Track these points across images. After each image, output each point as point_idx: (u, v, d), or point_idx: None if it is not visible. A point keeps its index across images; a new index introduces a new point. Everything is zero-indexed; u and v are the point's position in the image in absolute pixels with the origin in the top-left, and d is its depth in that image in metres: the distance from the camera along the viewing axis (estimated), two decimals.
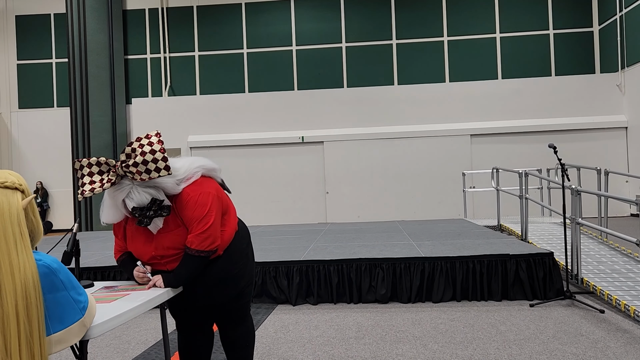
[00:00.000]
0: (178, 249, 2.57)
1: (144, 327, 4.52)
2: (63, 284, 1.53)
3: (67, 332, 1.54)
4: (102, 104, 13.65)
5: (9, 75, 14.97)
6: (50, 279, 1.49)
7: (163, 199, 2.48)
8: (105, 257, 5.91)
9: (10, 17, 14.98)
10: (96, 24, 13.63)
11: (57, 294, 1.51)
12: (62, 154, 14.38)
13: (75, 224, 2.85)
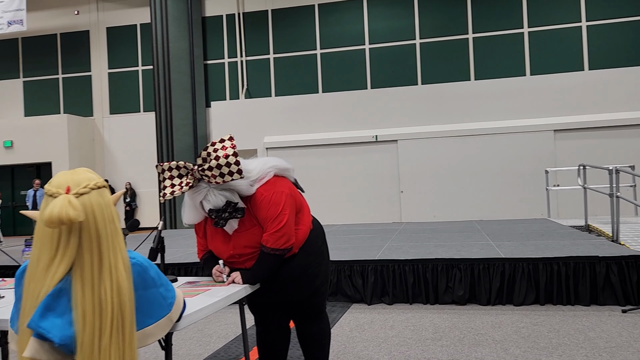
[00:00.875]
0: (254, 247, 2.64)
1: (224, 322, 4.69)
2: (154, 281, 1.59)
3: (156, 327, 1.61)
4: (184, 108, 14.33)
5: (101, 83, 16.08)
6: (142, 276, 1.55)
7: (237, 202, 2.56)
8: (187, 254, 6.19)
9: (102, 29, 16.08)
10: (178, 31, 14.32)
11: (148, 291, 1.57)
12: (148, 156, 15.22)
13: (160, 222, 3.01)
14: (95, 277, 1.43)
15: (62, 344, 1.39)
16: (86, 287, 1.42)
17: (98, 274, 1.43)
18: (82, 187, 1.46)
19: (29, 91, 16.42)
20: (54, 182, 1.47)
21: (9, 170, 15.66)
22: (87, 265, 1.43)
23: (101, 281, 1.43)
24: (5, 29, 15.34)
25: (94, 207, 1.46)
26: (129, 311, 1.46)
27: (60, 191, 1.44)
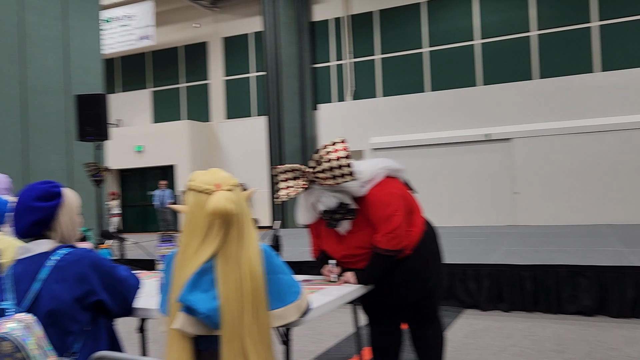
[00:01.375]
0: (366, 248, 2.64)
1: (335, 321, 4.75)
2: (280, 268, 1.73)
3: (285, 310, 1.72)
4: (293, 111, 14.80)
5: (218, 90, 17.12)
6: (269, 261, 1.70)
7: (349, 203, 2.57)
8: (299, 253, 6.36)
9: (218, 40, 17.12)
10: (288, 38, 14.82)
11: (275, 276, 1.70)
12: (260, 158, 15.90)
13: (277, 222, 3.13)
14: (235, 263, 1.62)
15: (207, 316, 1.57)
16: (228, 271, 1.61)
17: (238, 260, 1.62)
18: (229, 184, 1.68)
19: (156, 100, 17.94)
20: (201, 180, 1.68)
21: (140, 173, 17.21)
22: (229, 252, 1.63)
23: (240, 267, 1.62)
24: (137, 44, 16.90)
25: (241, 204, 1.67)
26: (262, 293, 1.63)
27: (210, 187, 1.65)
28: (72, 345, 1.77)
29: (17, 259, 1.85)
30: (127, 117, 17.99)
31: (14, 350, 1.62)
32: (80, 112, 7.02)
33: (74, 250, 1.83)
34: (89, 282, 1.77)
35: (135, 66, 18.14)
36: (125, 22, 16.98)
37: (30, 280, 1.77)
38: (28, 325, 1.67)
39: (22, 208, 1.82)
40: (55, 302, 1.73)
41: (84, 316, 1.78)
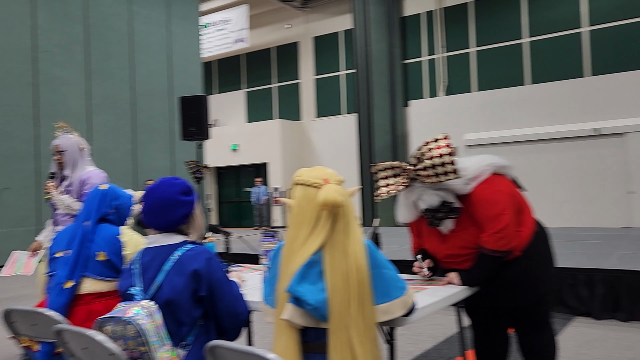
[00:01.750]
0: (471, 248, 2.52)
1: (433, 322, 4.62)
2: (384, 263, 1.71)
3: (391, 305, 1.69)
4: (383, 108, 14.66)
5: (308, 89, 17.39)
6: (373, 255, 1.69)
7: (453, 202, 2.46)
8: (396, 251, 6.27)
9: (309, 39, 17.38)
10: (378, 34, 14.70)
11: (380, 270, 1.68)
12: (350, 156, 15.93)
13: (376, 219, 3.08)
14: (342, 255, 1.63)
15: (316, 307, 1.58)
16: (335, 263, 1.62)
17: (344, 252, 1.64)
18: (336, 179, 1.73)
19: (250, 100, 18.58)
20: (309, 175, 1.74)
21: (235, 170, 17.92)
22: (336, 244, 1.65)
23: (347, 259, 1.63)
24: (232, 47, 17.61)
25: (346, 196, 1.69)
26: (367, 286, 1.63)
27: (319, 182, 1.70)
28: (185, 336, 1.85)
29: (145, 248, 1.97)
30: (223, 117, 18.81)
31: (136, 334, 1.72)
32: (183, 113, 7.42)
33: (195, 247, 1.92)
34: (201, 276, 1.84)
35: (230, 68, 18.91)
36: (221, 27, 17.75)
37: (156, 270, 1.87)
38: (150, 313, 1.77)
39: (169, 203, 1.91)
40: (174, 293, 1.82)
41: (197, 310, 1.86)
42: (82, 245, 2.29)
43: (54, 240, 2.43)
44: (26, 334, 2.20)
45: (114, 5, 11.68)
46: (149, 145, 12.39)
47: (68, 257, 2.28)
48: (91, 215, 2.38)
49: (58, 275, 2.26)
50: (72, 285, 2.23)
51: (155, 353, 1.73)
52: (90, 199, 2.43)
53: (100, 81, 11.32)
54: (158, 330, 1.77)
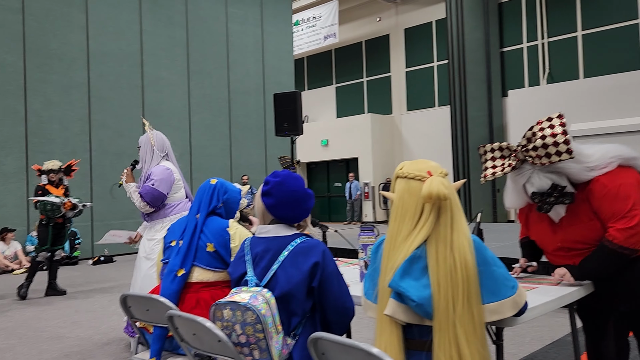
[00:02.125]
0: (589, 244, 2.32)
1: (539, 324, 4.36)
2: (492, 260, 1.62)
3: (500, 305, 1.60)
4: (478, 100, 14.08)
5: (399, 82, 17.14)
6: (480, 252, 1.61)
7: (565, 185, 2.28)
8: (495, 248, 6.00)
9: (400, 31, 17.11)
10: (473, 22, 14.12)
11: (488, 268, 1.60)
12: (444, 150, 15.51)
13: (479, 213, 2.95)
14: (447, 250, 1.58)
15: (419, 304, 1.53)
16: (440, 258, 1.57)
17: (450, 247, 1.58)
18: (440, 172, 1.68)
19: (340, 95, 18.67)
20: (412, 168, 1.71)
21: (325, 165, 18.13)
22: (441, 239, 1.59)
23: (452, 254, 1.57)
24: (322, 43, 17.79)
25: (451, 189, 1.64)
26: (474, 282, 1.56)
27: (423, 174, 1.66)
28: (295, 326, 1.89)
29: (255, 237, 2.03)
30: (313, 113, 19.08)
31: (255, 321, 1.77)
32: (277, 110, 7.59)
33: (309, 240, 1.96)
34: (318, 268, 1.87)
35: (320, 64, 19.12)
36: (312, 23, 17.99)
37: (271, 260, 1.92)
38: (267, 301, 1.82)
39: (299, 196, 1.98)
40: (289, 284, 1.86)
41: (308, 302, 1.89)
42: (193, 236, 2.42)
43: (169, 231, 2.60)
44: (140, 318, 2.35)
45: (212, 8, 12.24)
46: (243, 141, 12.87)
47: (180, 247, 2.42)
48: (202, 208, 2.50)
49: (171, 263, 2.40)
50: (183, 274, 2.36)
51: (270, 341, 1.78)
52: (201, 192, 2.55)
53: (199, 81, 11.93)
54: (273, 319, 1.81)
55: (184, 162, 11.43)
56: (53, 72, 9.50)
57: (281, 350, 1.81)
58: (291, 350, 1.85)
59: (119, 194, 10.15)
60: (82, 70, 9.91)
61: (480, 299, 1.57)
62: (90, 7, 10.05)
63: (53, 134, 9.47)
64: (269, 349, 1.78)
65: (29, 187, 9.04)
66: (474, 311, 1.55)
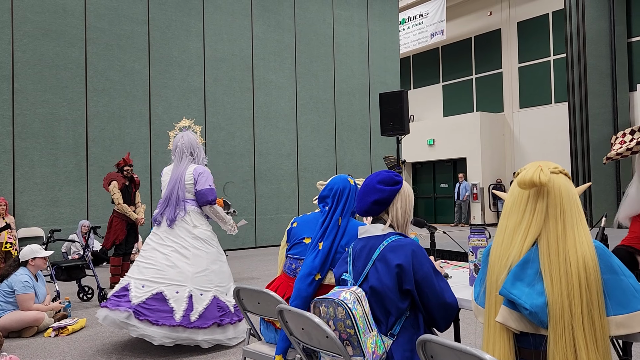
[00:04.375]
0: None
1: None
2: (620, 269, 1.49)
3: (629, 318, 1.46)
4: (602, 95, 12.94)
5: (511, 79, 16.28)
6: (605, 259, 1.49)
7: None
8: None
9: (512, 25, 16.25)
10: (595, 11, 13.01)
11: (615, 277, 1.48)
12: (561, 149, 14.49)
13: (603, 218, 2.72)
14: (560, 245, 1.49)
15: (532, 312, 1.45)
16: (552, 254, 1.49)
17: (563, 243, 1.49)
18: (552, 167, 1.60)
19: (447, 93, 18.15)
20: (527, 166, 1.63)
21: (431, 165, 17.73)
22: (552, 233, 1.51)
23: (566, 251, 1.48)
24: (429, 41, 17.41)
25: (561, 185, 1.56)
26: (595, 289, 1.45)
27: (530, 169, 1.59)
28: (393, 326, 1.88)
29: (358, 238, 2.06)
30: (419, 112, 18.73)
31: (345, 317, 1.80)
32: (383, 109, 7.56)
33: (401, 239, 1.94)
34: (405, 270, 1.85)
35: (427, 62, 18.73)
36: (418, 21, 17.68)
37: (366, 259, 1.95)
38: (359, 298, 1.84)
39: (367, 189, 2.03)
40: (379, 283, 1.87)
41: (403, 301, 1.87)
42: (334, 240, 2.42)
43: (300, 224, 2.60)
44: (252, 310, 2.46)
45: (319, 11, 12.50)
46: (348, 141, 12.98)
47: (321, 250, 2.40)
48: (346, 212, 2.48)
49: (310, 266, 2.40)
50: (319, 278, 2.39)
51: (362, 337, 1.79)
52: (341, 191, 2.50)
53: (306, 83, 12.23)
54: (365, 316, 1.82)
55: (291, 161, 11.81)
56: (174, 78, 10.28)
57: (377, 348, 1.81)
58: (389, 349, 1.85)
59: (231, 192, 10.73)
60: (199, 76, 10.61)
61: (604, 309, 1.45)
62: (207, 15, 10.73)
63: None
64: (361, 346, 1.79)
65: (152, 186, 9.86)
66: (596, 322, 1.43)
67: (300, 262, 2.50)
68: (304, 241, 2.51)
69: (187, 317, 3.58)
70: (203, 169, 3.97)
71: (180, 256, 3.73)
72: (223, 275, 3.86)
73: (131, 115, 9.77)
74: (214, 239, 3.96)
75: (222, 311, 3.72)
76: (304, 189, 11.95)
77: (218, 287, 3.79)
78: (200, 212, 3.96)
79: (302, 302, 2.31)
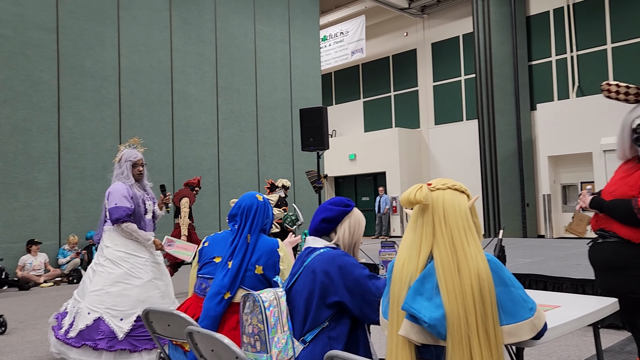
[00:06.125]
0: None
1: (566, 343, 4.24)
2: (510, 281, 1.58)
3: (518, 327, 1.56)
4: (507, 113, 13.90)
5: (427, 96, 17.08)
6: (497, 273, 1.57)
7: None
8: (522, 265, 5.89)
9: (427, 46, 17.09)
10: (500, 36, 14.01)
11: (506, 289, 1.56)
12: (472, 164, 15.34)
13: (501, 230, 2.91)
14: (451, 259, 1.56)
15: (431, 325, 1.50)
16: (445, 267, 1.55)
17: (454, 256, 1.56)
18: (441, 184, 1.67)
19: (367, 110, 18.70)
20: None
21: (353, 179, 18.12)
22: (442, 248, 1.58)
23: (458, 264, 1.55)
24: (350, 58, 17.89)
25: (445, 200, 1.63)
26: (489, 300, 1.52)
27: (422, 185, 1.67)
28: (306, 333, 1.91)
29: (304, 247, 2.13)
30: (341, 127, 19.13)
31: (259, 312, 1.86)
32: (303, 125, 7.66)
33: (331, 251, 1.99)
34: (332, 279, 1.89)
35: (348, 79, 19.21)
36: (339, 39, 18.12)
37: (299, 266, 2.02)
38: (277, 298, 1.91)
39: (319, 209, 2.11)
40: (302, 288, 1.93)
41: (324, 312, 1.90)
42: (244, 258, 2.40)
43: (211, 243, 2.56)
44: (161, 334, 2.38)
45: (240, 25, 12.48)
46: (271, 156, 12.99)
47: (230, 269, 2.38)
48: (255, 229, 2.47)
49: (219, 285, 2.37)
50: (229, 297, 2.36)
51: (271, 335, 1.84)
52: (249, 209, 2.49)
53: (227, 97, 12.14)
54: (281, 316, 1.88)
55: (212, 176, 11.61)
56: (86, 89, 9.82)
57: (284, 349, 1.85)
58: (297, 355, 1.88)
59: None
60: (114, 87, 10.21)
61: (497, 320, 1.53)
62: (122, 25, 10.38)
63: (85, 150, 9.75)
64: (267, 343, 1.83)
65: (61, 202, 9.31)
66: (489, 331, 1.51)
67: (210, 281, 2.46)
68: (214, 260, 2.47)
69: (67, 332, 3.58)
70: (115, 187, 3.87)
71: (92, 272, 3.79)
72: (123, 299, 3.63)
73: (38, 127, 9.20)
74: (127, 260, 3.77)
75: (101, 335, 3.52)
76: (226, 204, 11.78)
77: (110, 309, 3.59)
78: (115, 231, 3.84)
79: (211, 321, 2.28)
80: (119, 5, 10.35)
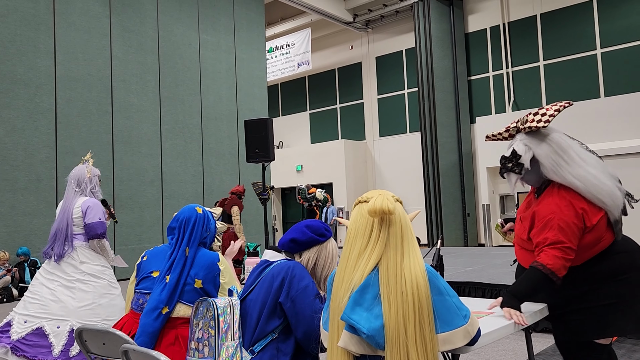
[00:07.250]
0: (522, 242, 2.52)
1: (503, 347, 4.40)
2: (445, 290, 1.63)
3: (452, 335, 1.60)
4: (448, 126, 14.38)
5: (372, 109, 17.40)
6: (433, 281, 1.62)
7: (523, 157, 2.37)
8: (462, 273, 6.06)
9: (372, 59, 17.45)
10: (441, 51, 14.52)
11: (441, 297, 1.61)
12: (415, 175, 15.71)
13: (439, 240, 3.00)
14: (398, 269, 1.59)
15: (369, 335, 1.53)
16: (390, 277, 1.58)
17: (400, 267, 1.59)
18: (392, 196, 1.71)
19: (314, 121, 18.82)
20: (365, 196, 1.73)
21: None
22: (392, 259, 1.61)
23: (403, 275, 1.58)
24: (296, 70, 17.98)
25: (400, 212, 1.67)
26: (426, 308, 1.56)
27: (372, 195, 1.69)
28: (255, 343, 1.91)
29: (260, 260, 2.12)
30: (288, 138, 19.14)
31: (211, 318, 1.86)
32: (248, 136, 7.62)
33: (286, 262, 2.00)
34: (283, 284, 1.91)
35: (295, 90, 19.29)
36: (285, 51, 18.19)
37: (256, 277, 2.02)
38: (231, 306, 1.92)
39: (293, 228, 2.09)
40: (258, 298, 1.94)
41: (273, 322, 1.91)
42: (182, 272, 2.33)
43: (149, 257, 2.48)
44: (96, 353, 2.29)
45: (184, 35, 12.29)
46: (217, 167, 12.81)
47: (168, 283, 2.31)
48: (193, 242, 2.40)
49: (156, 300, 2.29)
50: (167, 312, 2.29)
51: (221, 341, 1.84)
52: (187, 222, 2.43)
53: (171, 107, 11.89)
54: (233, 324, 1.89)
55: (155, 188, 11.30)
56: (18, 97, 9.35)
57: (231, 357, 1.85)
58: None
59: None
60: (49, 96, 9.79)
61: (434, 327, 1.57)
62: (58, 32, 9.99)
63: (17, 161, 9.27)
64: (216, 349, 1.82)
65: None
66: (426, 339, 1.55)
67: (148, 296, 2.39)
68: (152, 275, 2.40)
69: (66, 352, 3.38)
70: (93, 202, 3.80)
71: (65, 289, 3.57)
72: (113, 309, 3.62)
73: None
74: (105, 272, 3.74)
75: None
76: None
77: (106, 320, 3.54)
78: (88, 246, 3.75)
79: (148, 338, 2.21)
80: (55, 11, 9.95)
